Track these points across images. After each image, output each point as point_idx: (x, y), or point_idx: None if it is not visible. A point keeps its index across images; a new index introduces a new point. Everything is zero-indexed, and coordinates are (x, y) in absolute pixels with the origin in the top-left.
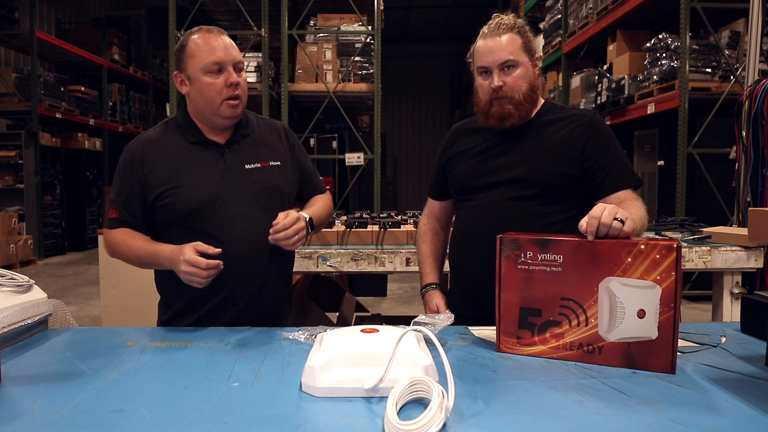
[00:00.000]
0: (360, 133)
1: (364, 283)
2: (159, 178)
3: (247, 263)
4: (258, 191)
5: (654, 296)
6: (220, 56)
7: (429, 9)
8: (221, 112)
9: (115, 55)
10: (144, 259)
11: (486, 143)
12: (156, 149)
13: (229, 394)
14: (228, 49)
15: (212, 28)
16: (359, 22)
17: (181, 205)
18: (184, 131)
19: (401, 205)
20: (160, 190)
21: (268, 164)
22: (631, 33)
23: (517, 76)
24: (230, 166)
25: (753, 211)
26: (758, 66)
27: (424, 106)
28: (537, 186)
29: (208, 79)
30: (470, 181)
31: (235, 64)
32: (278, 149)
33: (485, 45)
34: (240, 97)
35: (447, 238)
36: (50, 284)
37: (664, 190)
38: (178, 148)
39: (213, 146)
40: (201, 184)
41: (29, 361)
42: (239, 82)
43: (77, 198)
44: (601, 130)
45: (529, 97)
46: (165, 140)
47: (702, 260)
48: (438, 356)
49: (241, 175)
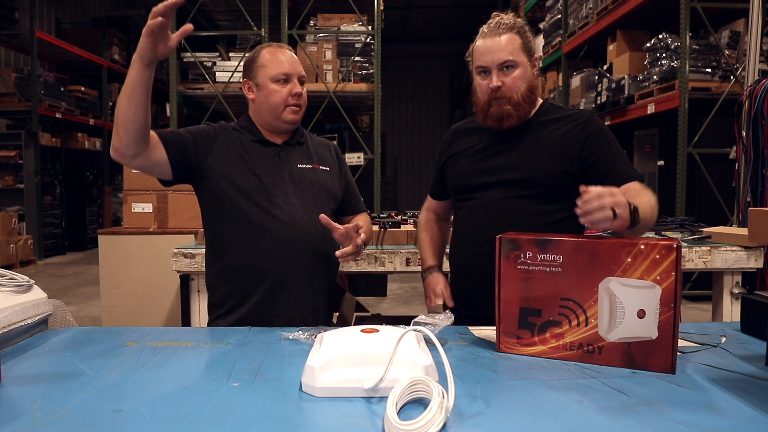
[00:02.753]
0: (360, 133)
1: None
2: (217, 156)
3: (291, 250)
4: (307, 186)
5: (654, 296)
6: (287, 69)
7: (429, 9)
8: (284, 117)
9: (115, 55)
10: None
11: (484, 143)
12: (228, 134)
13: (229, 394)
14: (294, 64)
15: (283, 45)
16: (359, 22)
17: (233, 190)
18: (245, 131)
19: (401, 205)
20: (217, 170)
21: (318, 167)
22: (631, 33)
23: (516, 77)
24: (284, 162)
25: (753, 211)
26: (758, 66)
27: (424, 106)
28: (536, 186)
29: (276, 87)
30: (468, 181)
31: (299, 77)
32: (328, 159)
33: (484, 45)
34: (301, 106)
35: (447, 228)
36: (50, 284)
37: (664, 190)
38: (241, 141)
39: (270, 145)
40: (254, 171)
41: (29, 361)
42: (301, 93)
43: (77, 198)
44: (599, 129)
45: (527, 98)
46: (230, 132)
47: (702, 260)
48: (438, 356)
49: (292, 171)
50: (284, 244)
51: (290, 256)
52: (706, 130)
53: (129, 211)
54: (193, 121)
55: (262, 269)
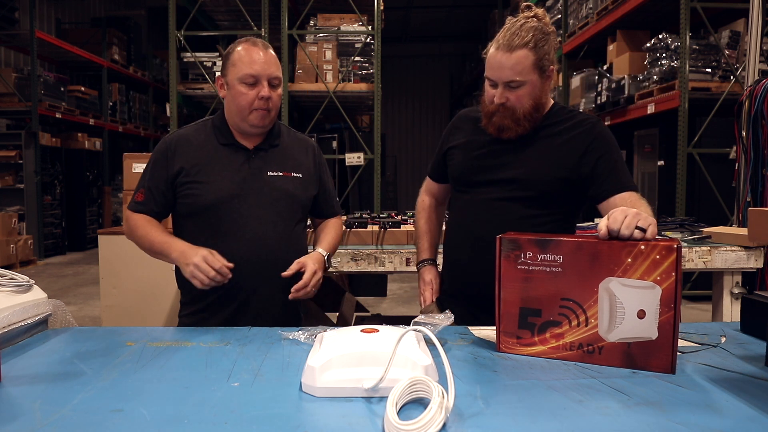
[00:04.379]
0: (360, 133)
1: (364, 283)
2: (186, 170)
3: (255, 266)
4: (276, 197)
5: (654, 296)
6: (257, 69)
7: (429, 9)
8: (249, 120)
9: (115, 55)
10: (156, 248)
11: (487, 138)
12: (189, 144)
13: (229, 394)
14: (266, 64)
15: (258, 41)
16: (359, 22)
17: (200, 199)
18: (217, 132)
19: (401, 205)
20: (185, 182)
21: (290, 174)
22: (631, 33)
23: (522, 94)
24: (253, 170)
25: (753, 211)
26: (758, 66)
27: (424, 106)
28: (532, 189)
29: (242, 88)
30: (468, 176)
31: (270, 79)
32: (303, 163)
33: (495, 58)
34: (270, 110)
35: (443, 215)
36: (50, 284)
37: (664, 190)
38: (209, 147)
39: (241, 149)
40: (223, 182)
41: (29, 361)
42: (270, 96)
43: (77, 198)
44: (603, 136)
45: (531, 115)
46: (198, 137)
47: (702, 260)
48: (438, 356)
49: (262, 180)
50: (247, 258)
51: (254, 270)
52: (706, 130)
53: None
54: (193, 120)
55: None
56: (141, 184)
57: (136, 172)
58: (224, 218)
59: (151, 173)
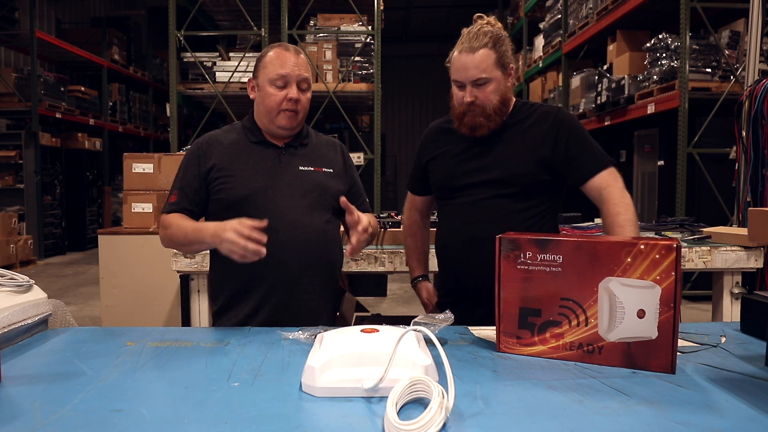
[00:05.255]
0: (360, 133)
1: (364, 283)
2: (217, 167)
3: (292, 253)
4: (308, 189)
5: (654, 296)
6: (287, 71)
7: (429, 9)
8: (277, 122)
9: (115, 55)
10: (190, 236)
11: (463, 145)
12: (220, 143)
13: (229, 394)
14: (296, 66)
15: (290, 46)
16: (359, 22)
17: (233, 192)
18: (247, 132)
19: (401, 205)
20: (217, 177)
21: (321, 169)
22: (631, 33)
23: (489, 91)
24: (284, 165)
25: (753, 211)
26: (758, 66)
27: (424, 106)
28: (513, 185)
29: (272, 90)
30: (451, 182)
31: (299, 81)
32: (332, 160)
33: (460, 60)
34: (298, 112)
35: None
36: (50, 284)
37: (664, 190)
38: (240, 144)
39: (271, 146)
40: (255, 175)
41: (29, 361)
42: (299, 99)
43: (77, 198)
44: (567, 123)
45: (499, 110)
46: (229, 137)
47: (702, 260)
48: (438, 356)
49: (293, 173)
50: (286, 245)
51: (291, 258)
52: (706, 130)
53: (129, 211)
54: (193, 120)
55: (264, 272)
56: (174, 187)
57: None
58: (259, 209)
59: (183, 174)
